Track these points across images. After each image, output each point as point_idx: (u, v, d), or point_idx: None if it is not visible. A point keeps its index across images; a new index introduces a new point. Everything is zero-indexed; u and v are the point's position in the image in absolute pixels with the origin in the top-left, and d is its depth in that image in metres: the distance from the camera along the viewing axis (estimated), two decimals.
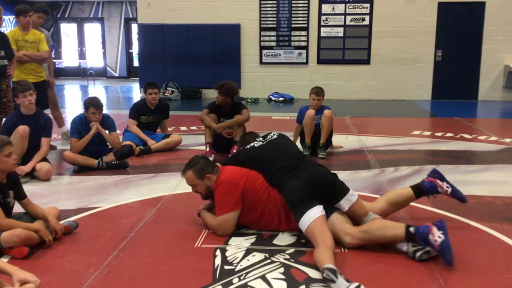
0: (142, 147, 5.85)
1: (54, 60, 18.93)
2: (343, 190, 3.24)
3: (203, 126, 5.90)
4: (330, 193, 3.20)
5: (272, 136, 3.61)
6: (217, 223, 3.28)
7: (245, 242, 3.18)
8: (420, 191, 3.47)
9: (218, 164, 3.53)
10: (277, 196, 3.27)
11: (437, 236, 2.81)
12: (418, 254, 2.86)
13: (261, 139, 3.62)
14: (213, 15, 11.93)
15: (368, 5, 11.65)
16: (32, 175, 4.70)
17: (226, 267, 2.83)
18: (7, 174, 3.14)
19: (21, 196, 3.23)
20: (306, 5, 11.81)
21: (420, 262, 2.85)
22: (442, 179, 3.51)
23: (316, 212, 2.99)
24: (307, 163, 3.36)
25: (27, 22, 5.99)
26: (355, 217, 3.22)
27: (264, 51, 12.07)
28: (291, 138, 5.90)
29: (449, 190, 3.46)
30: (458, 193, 3.50)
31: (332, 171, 3.42)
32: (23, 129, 4.63)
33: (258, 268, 2.80)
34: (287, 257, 2.94)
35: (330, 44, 11.90)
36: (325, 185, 3.21)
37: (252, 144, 3.59)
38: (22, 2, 7.78)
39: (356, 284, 2.47)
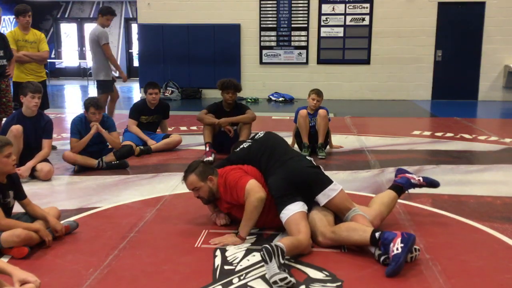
0: (142, 147, 5.85)
1: (54, 60, 18.90)
2: (321, 185, 3.20)
3: (202, 126, 5.89)
4: (308, 188, 3.21)
5: (259, 135, 3.67)
6: (247, 193, 3.15)
7: (245, 242, 3.18)
8: (399, 188, 3.53)
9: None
10: None
11: (396, 247, 2.72)
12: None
13: (249, 140, 3.68)
14: (213, 15, 11.93)
15: (368, 5, 11.65)
16: (32, 175, 4.70)
17: (226, 267, 2.83)
18: (7, 174, 3.14)
19: (21, 196, 3.23)
20: (306, 5, 11.81)
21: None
22: (409, 173, 3.65)
23: (294, 208, 3.08)
24: (287, 158, 3.35)
25: (27, 22, 6.00)
26: (337, 213, 3.22)
27: (264, 51, 12.07)
28: (290, 138, 5.95)
29: (421, 179, 3.59)
30: (429, 179, 3.63)
31: (317, 165, 3.39)
32: (16, 128, 4.61)
33: (258, 268, 2.80)
34: (287, 257, 2.94)
35: (330, 44, 11.90)
36: (302, 180, 3.21)
37: (241, 146, 3.64)
38: (22, 2, 7.79)
39: (284, 275, 2.54)
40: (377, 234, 2.83)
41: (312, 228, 3.09)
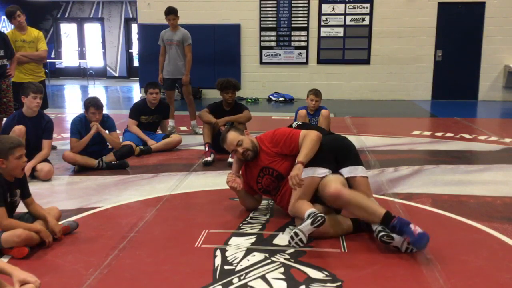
0: (142, 147, 5.85)
1: (54, 60, 18.87)
2: (356, 160, 3.41)
3: (202, 126, 5.88)
4: (343, 157, 3.38)
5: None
6: (304, 134, 3.41)
7: (245, 242, 3.18)
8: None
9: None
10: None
11: (417, 228, 2.92)
12: (381, 234, 2.98)
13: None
14: (213, 15, 11.93)
15: (368, 5, 11.65)
16: (32, 175, 4.70)
17: (226, 267, 2.83)
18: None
19: (26, 194, 3.22)
20: (306, 5, 11.81)
21: (383, 243, 3.00)
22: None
23: (319, 172, 3.26)
24: (334, 133, 3.82)
25: (19, 22, 5.98)
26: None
27: (264, 51, 12.07)
28: None
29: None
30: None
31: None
32: (19, 128, 4.61)
33: (258, 268, 2.80)
34: (287, 257, 2.94)
35: (330, 44, 11.90)
36: (343, 148, 3.45)
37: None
38: (22, 2, 7.77)
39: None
40: (392, 214, 3.02)
41: (326, 181, 3.20)
